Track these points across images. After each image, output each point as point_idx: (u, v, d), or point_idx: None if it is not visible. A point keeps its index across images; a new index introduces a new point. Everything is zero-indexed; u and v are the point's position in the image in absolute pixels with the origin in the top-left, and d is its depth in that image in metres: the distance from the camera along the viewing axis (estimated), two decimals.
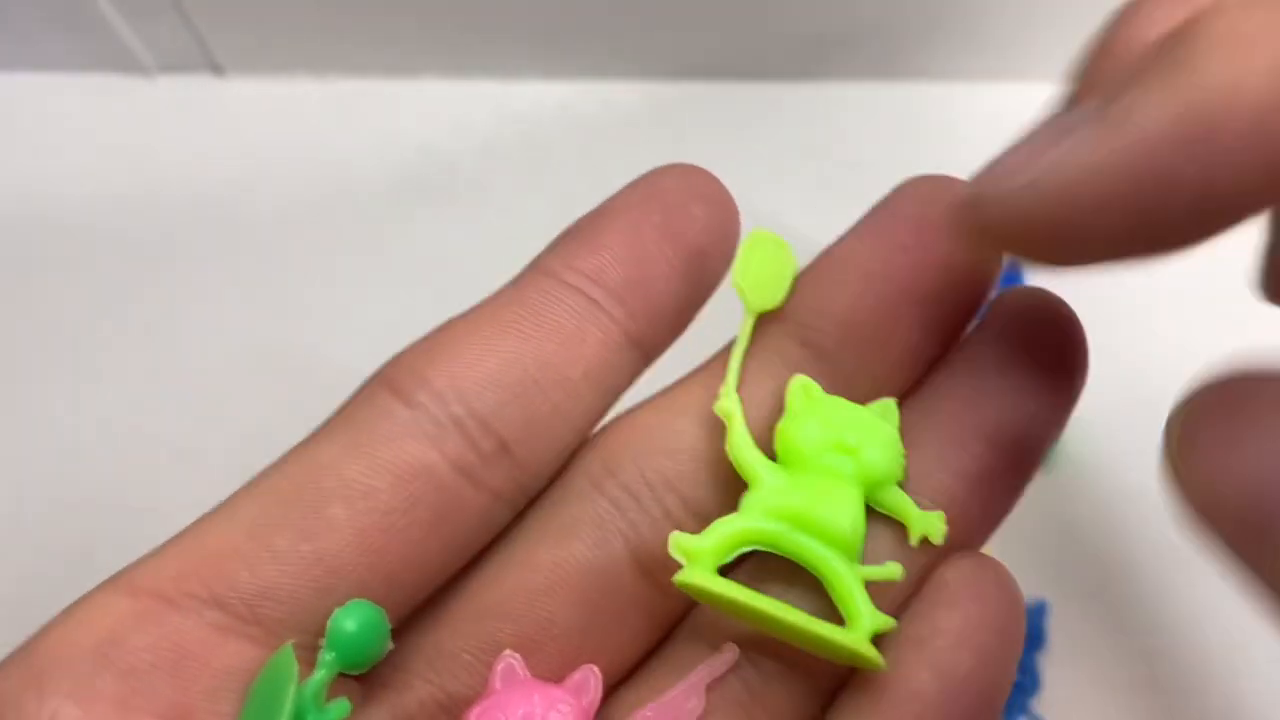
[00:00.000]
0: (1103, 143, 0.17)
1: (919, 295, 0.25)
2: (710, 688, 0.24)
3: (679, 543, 0.23)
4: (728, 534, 0.23)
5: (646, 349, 0.26)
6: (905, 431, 0.25)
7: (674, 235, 0.25)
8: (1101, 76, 0.21)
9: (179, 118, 0.47)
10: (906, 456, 0.25)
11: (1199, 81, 0.16)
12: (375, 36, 0.46)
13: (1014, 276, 0.46)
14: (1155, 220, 0.17)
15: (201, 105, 0.47)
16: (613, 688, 0.25)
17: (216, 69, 0.47)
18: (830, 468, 0.24)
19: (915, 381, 0.26)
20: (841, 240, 0.26)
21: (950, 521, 0.24)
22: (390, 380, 0.24)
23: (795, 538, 0.23)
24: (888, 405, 0.25)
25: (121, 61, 0.47)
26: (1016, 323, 0.25)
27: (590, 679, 0.23)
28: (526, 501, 0.25)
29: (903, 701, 0.23)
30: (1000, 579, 0.24)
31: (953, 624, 0.23)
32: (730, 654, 0.24)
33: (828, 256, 0.26)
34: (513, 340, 0.24)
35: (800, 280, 0.26)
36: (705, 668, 0.24)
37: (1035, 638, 0.42)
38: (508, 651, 0.23)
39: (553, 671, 0.24)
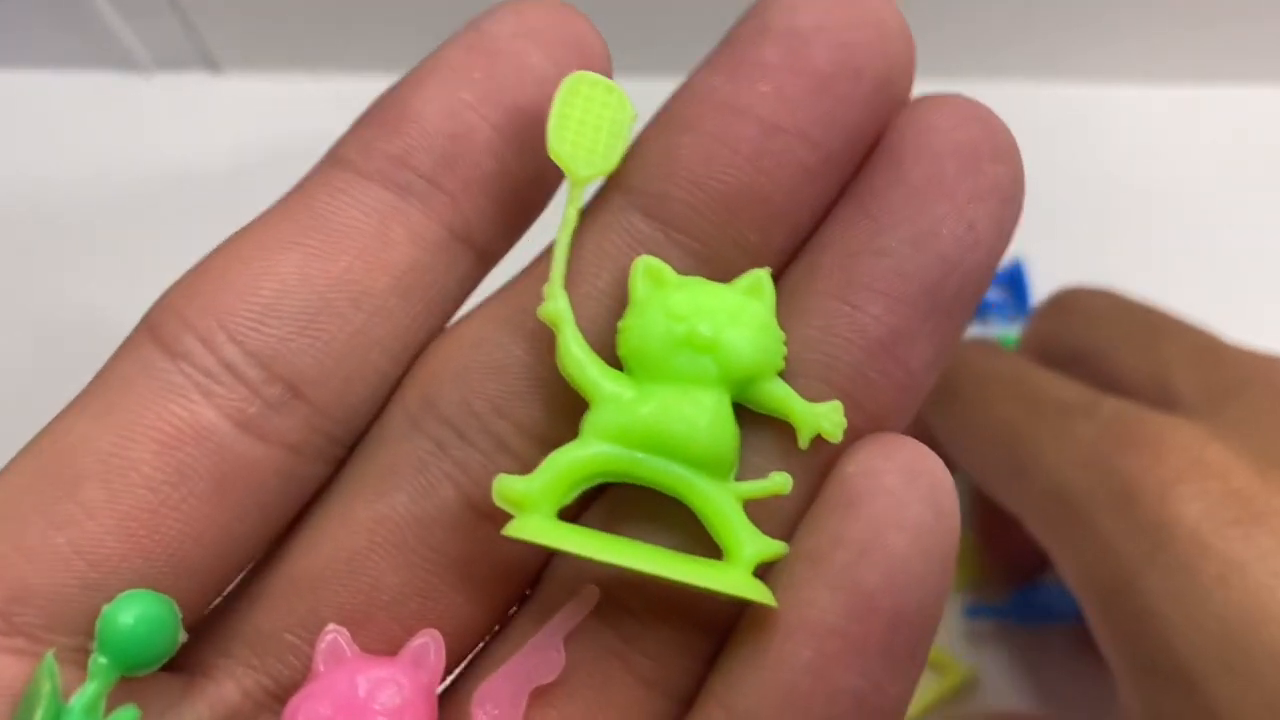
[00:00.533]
0: None
1: (795, 130, 0.20)
2: (573, 639, 0.20)
3: (504, 488, 0.19)
4: (563, 469, 0.19)
5: (479, 243, 0.21)
6: (785, 303, 0.20)
7: (502, 94, 0.20)
8: None
9: (175, 115, 0.47)
10: (788, 337, 0.20)
11: None
12: (371, 33, 0.45)
13: (1017, 274, 0.45)
14: None
15: (198, 102, 0.47)
16: (472, 654, 0.21)
17: (213, 66, 0.47)
18: (684, 370, 0.19)
19: (800, 242, 0.21)
20: (691, 77, 0.21)
21: (854, 406, 0.20)
22: (152, 326, 0.20)
23: (648, 462, 0.19)
24: (757, 278, 0.20)
25: (118, 59, 0.46)
26: (923, 143, 0.20)
27: (429, 646, 0.20)
28: (342, 450, 0.21)
29: (800, 636, 0.19)
30: (915, 460, 0.19)
31: (854, 530, 0.19)
32: (589, 597, 0.20)
33: (674, 99, 0.21)
34: (295, 256, 0.20)
35: (642, 136, 0.21)
36: (561, 616, 0.20)
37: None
38: (331, 626, 0.20)
39: (390, 645, 0.20)
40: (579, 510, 0.21)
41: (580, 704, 0.20)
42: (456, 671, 0.21)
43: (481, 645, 0.22)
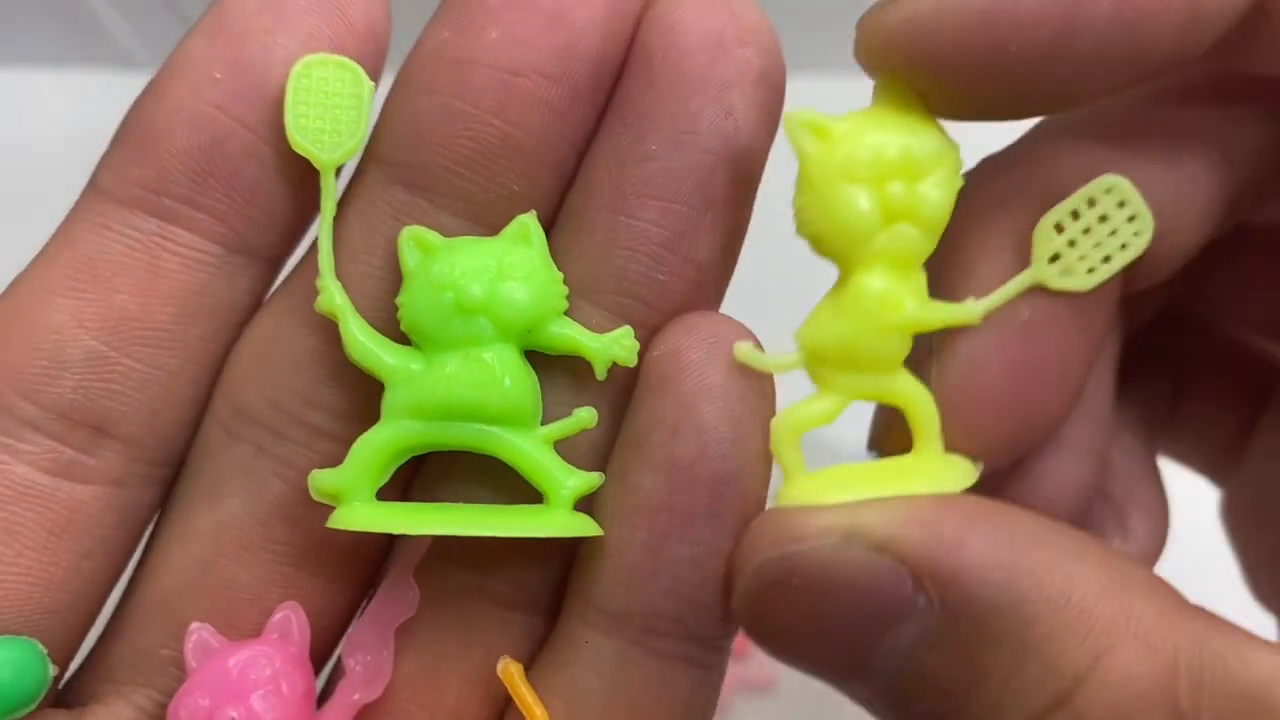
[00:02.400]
0: None
1: (533, 71, 0.19)
2: (429, 582, 0.21)
3: (318, 482, 0.20)
4: (370, 454, 0.20)
5: (260, 250, 0.21)
6: (571, 224, 0.20)
7: (251, 90, 0.20)
8: None
9: None
10: (577, 255, 0.20)
11: None
12: None
13: None
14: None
15: None
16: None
17: None
18: (463, 334, 0.19)
19: (571, 172, 0.21)
20: (422, 33, 0.20)
21: (651, 309, 0.20)
22: None
23: (450, 430, 0.20)
24: (523, 224, 0.20)
25: (116, 57, 0.47)
26: (670, 42, 0.20)
27: (290, 618, 0.20)
28: (169, 470, 0.21)
29: (633, 520, 0.20)
30: (716, 331, 0.20)
31: (666, 409, 0.19)
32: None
33: (409, 59, 0.20)
34: (68, 302, 0.20)
35: (387, 102, 0.20)
36: (405, 553, 0.21)
37: None
38: (194, 625, 0.20)
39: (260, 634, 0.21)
40: (408, 480, 0.21)
41: (448, 640, 0.21)
42: (338, 653, 0.22)
43: None
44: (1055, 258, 0.20)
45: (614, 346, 0.20)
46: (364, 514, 0.20)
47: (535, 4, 0.19)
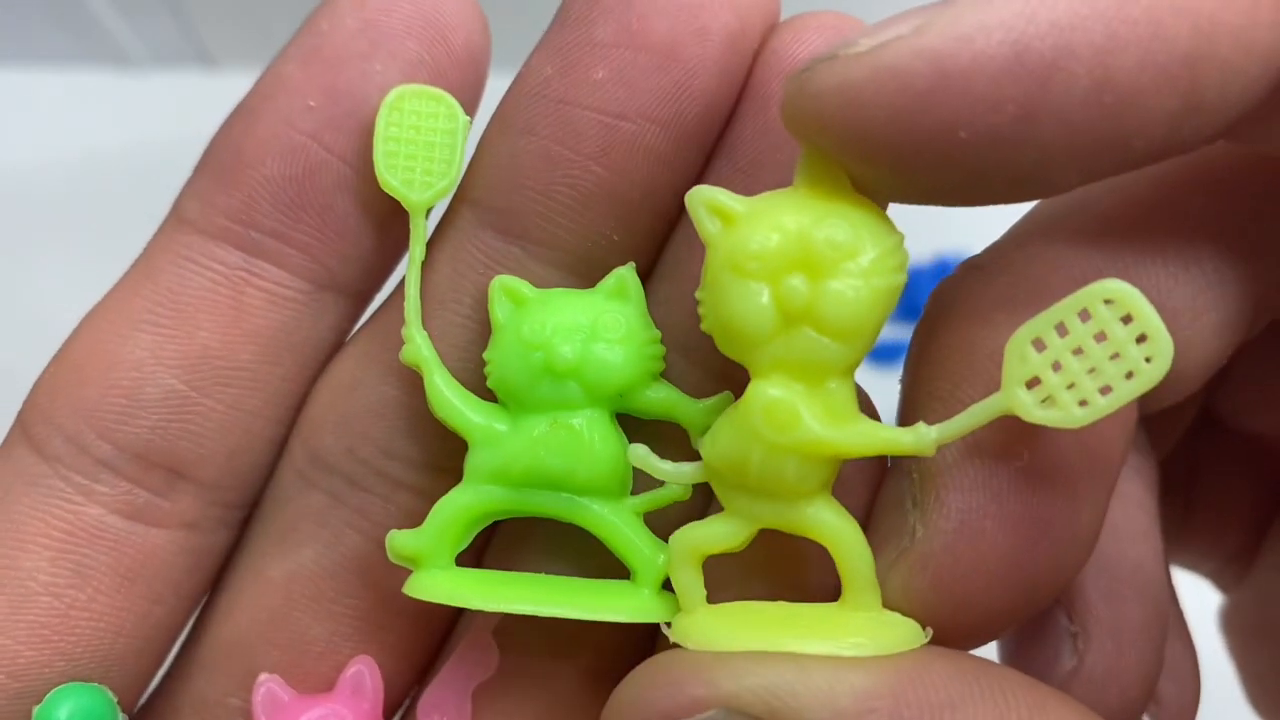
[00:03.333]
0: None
1: (639, 115, 0.18)
2: (510, 643, 0.20)
3: (396, 544, 0.19)
4: (449, 518, 0.19)
5: (348, 286, 0.20)
6: (658, 286, 0.19)
7: (346, 117, 0.19)
8: None
9: (171, 111, 0.47)
10: (674, 311, 0.19)
11: None
12: None
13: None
14: (1048, 90, 0.14)
15: (193, 98, 0.47)
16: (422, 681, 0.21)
17: (208, 62, 0.47)
18: (551, 398, 0.18)
19: (674, 219, 0.19)
20: (523, 68, 0.19)
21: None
22: (25, 428, 0.20)
23: (535, 498, 0.19)
24: (620, 279, 0.19)
25: (114, 55, 0.46)
26: None
27: (364, 673, 0.20)
28: (244, 513, 0.21)
29: None
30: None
31: None
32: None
33: (509, 96, 0.19)
34: (148, 338, 0.19)
35: (483, 141, 0.19)
36: (483, 613, 0.20)
37: None
38: (263, 676, 0.20)
39: (331, 688, 0.20)
40: (485, 540, 0.20)
41: (531, 708, 0.20)
42: (405, 705, 0.21)
43: None
44: (1035, 382, 0.16)
45: (712, 414, 0.18)
46: (442, 583, 0.19)
47: (645, 41, 0.18)
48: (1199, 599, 0.26)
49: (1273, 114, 0.15)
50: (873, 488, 0.19)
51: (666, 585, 0.19)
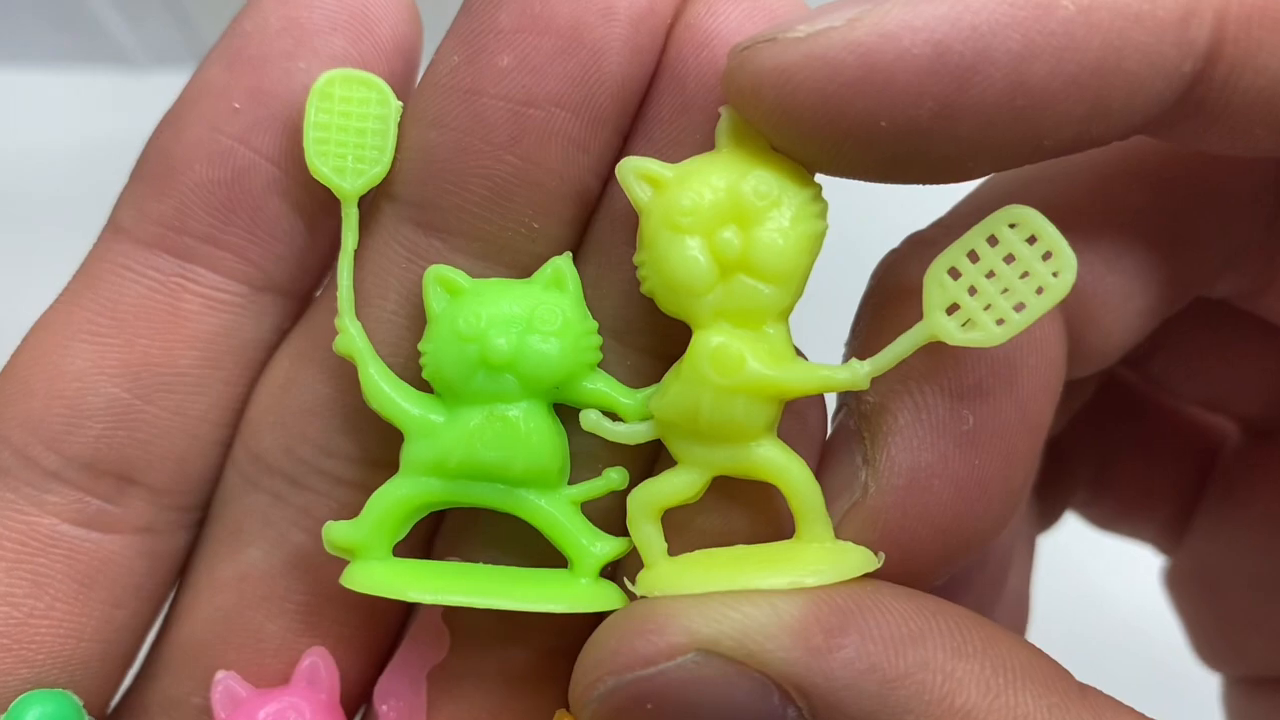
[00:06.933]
0: None
1: (548, 100, 0.18)
2: (461, 629, 0.20)
3: (332, 536, 0.19)
4: (386, 510, 0.19)
5: (286, 286, 0.20)
6: (584, 269, 0.19)
7: (272, 119, 0.19)
8: None
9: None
10: (608, 293, 0.19)
11: None
12: None
13: None
14: (966, 90, 0.15)
15: None
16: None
17: None
18: (487, 390, 0.18)
19: (595, 202, 0.19)
20: (433, 58, 0.19)
21: None
22: None
23: (471, 489, 0.19)
24: (557, 269, 0.18)
25: (114, 56, 0.46)
26: (705, 57, 0.18)
27: (319, 664, 0.20)
28: (200, 513, 0.21)
29: None
30: None
31: None
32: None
33: (419, 88, 0.19)
34: (89, 349, 0.19)
35: (399, 135, 0.19)
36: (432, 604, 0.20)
37: None
38: (220, 674, 0.20)
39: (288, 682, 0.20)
40: (432, 530, 0.20)
41: (487, 687, 0.20)
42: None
43: None
44: (955, 308, 0.17)
45: (648, 404, 0.19)
46: (377, 575, 0.19)
47: (549, 24, 0.17)
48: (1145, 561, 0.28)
49: (1178, 120, 0.16)
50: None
51: (603, 572, 0.19)
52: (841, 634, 0.16)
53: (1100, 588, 0.37)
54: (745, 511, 0.19)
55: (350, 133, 0.18)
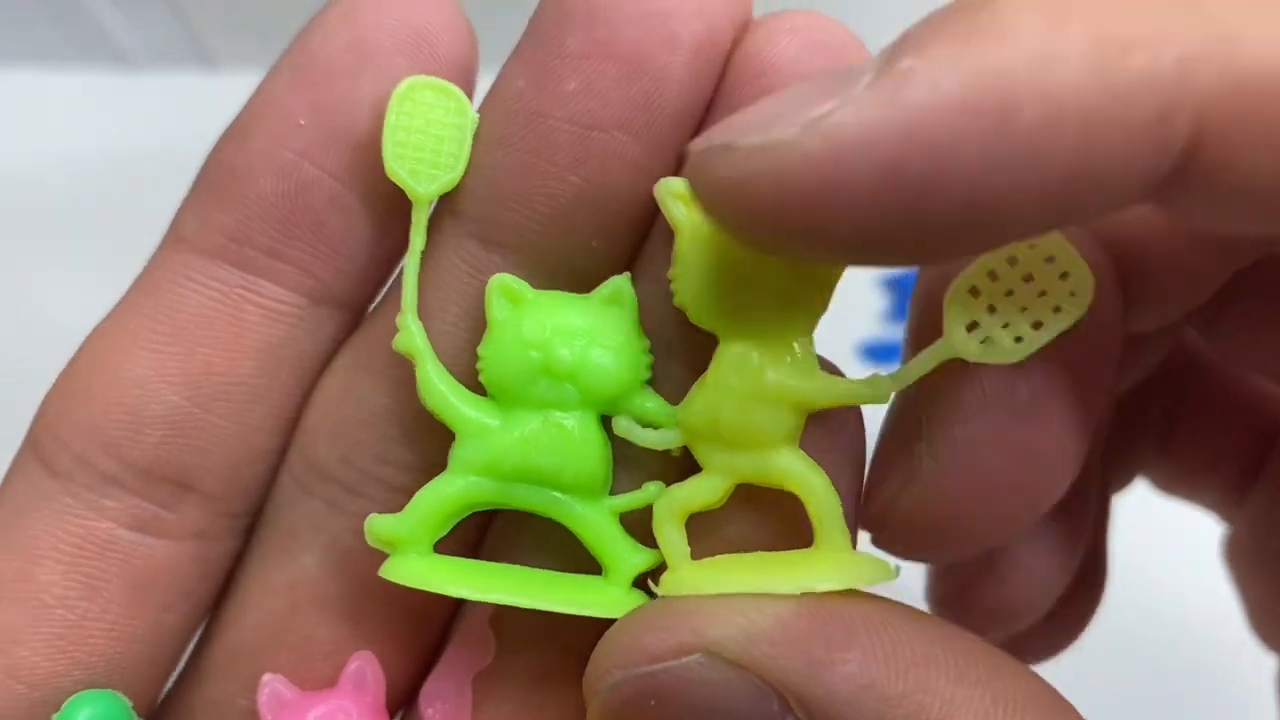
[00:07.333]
0: (880, 103, 0.14)
1: (612, 125, 0.18)
2: (507, 631, 0.21)
3: (375, 528, 0.19)
4: (431, 506, 0.19)
5: (343, 299, 0.20)
6: (637, 288, 0.19)
7: (336, 135, 0.19)
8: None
9: (170, 111, 0.47)
10: (653, 346, 0.19)
11: (998, 48, 0.14)
12: None
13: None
14: (921, 206, 0.14)
15: (193, 98, 0.47)
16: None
17: (208, 62, 0.47)
18: (546, 397, 0.19)
19: (653, 224, 0.20)
20: (497, 80, 0.19)
21: None
22: (35, 445, 0.20)
23: (517, 492, 0.19)
24: (616, 287, 0.19)
25: (113, 55, 0.46)
26: (764, 88, 0.18)
27: (366, 668, 0.20)
28: (250, 520, 0.21)
29: None
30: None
31: None
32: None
33: (484, 108, 0.19)
34: (150, 356, 0.20)
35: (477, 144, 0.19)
36: (479, 609, 0.21)
37: None
38: (266, 676, 0.20)
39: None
40: (482, 531, 0.21)
41: (528, 691, 0.21)
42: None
43: None
44: (974, 326, 0.18)
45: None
46: (416, 568, 0.19)
47: (614, 51, 0.18)
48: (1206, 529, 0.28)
49: (1160, 203, 0.16)
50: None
51: (636, 583, 0.20)
52: (845, 649, 0.16)
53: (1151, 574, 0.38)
54: (769, 520, 0.19)
55: (428, 137, 0.19)
